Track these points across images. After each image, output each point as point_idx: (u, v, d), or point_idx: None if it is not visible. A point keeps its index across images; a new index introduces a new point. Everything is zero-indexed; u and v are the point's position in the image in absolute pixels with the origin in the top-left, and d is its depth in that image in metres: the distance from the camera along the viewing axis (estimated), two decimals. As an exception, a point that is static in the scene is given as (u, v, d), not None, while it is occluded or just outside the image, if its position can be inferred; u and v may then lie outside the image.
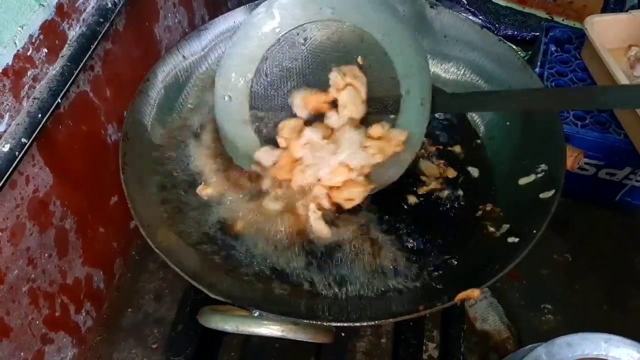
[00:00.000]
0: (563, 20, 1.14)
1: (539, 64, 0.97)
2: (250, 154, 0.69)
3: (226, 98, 0.70)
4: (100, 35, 0.69)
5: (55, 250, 0.71)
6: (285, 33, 0.69)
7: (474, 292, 0.50)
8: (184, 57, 0.72)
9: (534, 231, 0.54)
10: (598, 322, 0.84)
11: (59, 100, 0.63)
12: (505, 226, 0.60)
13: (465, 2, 1.18)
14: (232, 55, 0.70)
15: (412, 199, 0.68)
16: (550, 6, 1.17)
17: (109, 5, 0.70)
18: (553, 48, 0.99)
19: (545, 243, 0.92)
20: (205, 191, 0.68)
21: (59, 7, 0.64)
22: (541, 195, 0.59)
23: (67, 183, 0.71)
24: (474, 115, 0.75)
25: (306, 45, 0.70)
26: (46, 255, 0.69)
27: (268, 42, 0.69)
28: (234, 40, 0.69)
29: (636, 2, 1.14)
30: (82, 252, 0.77)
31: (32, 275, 0.67)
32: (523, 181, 0.63)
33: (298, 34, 0.69)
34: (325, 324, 0.48)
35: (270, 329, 0.43)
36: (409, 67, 0.66)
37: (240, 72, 0.70)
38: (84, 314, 0.79)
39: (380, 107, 0.68)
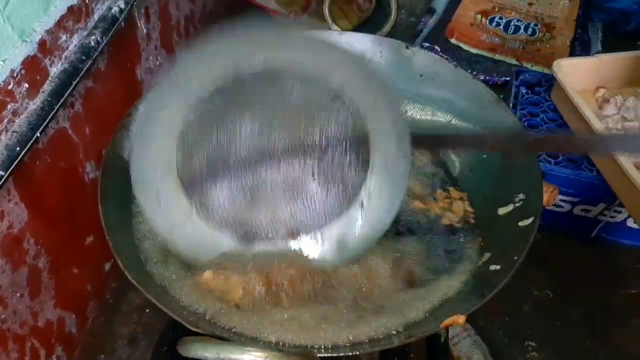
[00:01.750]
0: (532, 66, 1.19)
1: (511, 105, 1.00)
2: (228, 256, 0.60)
3: (155, 205, 0.58)
4: (81, 73, 0.69)
5: (27, 290, 0.68)
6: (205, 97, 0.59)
7: (459, 318, 0.50)
8: (166, 93, 0.73)
9: (515, 258, 0.55)
10: (582, 358, 0.84)
11: (38, 135, 0.62)
12: (487, 255, 0.60)
13: (439, 50, 1.23)
14: (141, 147, 0.59)
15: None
16: (520, 53, 1.23)
17: (92, 44, 0.71)
18: (524, 90, 1.03)
19: (526, 279, 0.92)
20: None
21: (42, 44, 0.65)
22: (520, 224, 0.59)
23: (42, 220, 0.70)
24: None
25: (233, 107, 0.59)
26: (18, 295, 0.67)
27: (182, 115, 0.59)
28: (136, 130, 0.60)
29: (600, 49, 1.21)
30: (55, 294, 0.74)
31: (3, 316, 0.64)
32: (502, 211, 0.64)
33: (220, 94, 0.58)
34: (308, 352, 0.47)
35: (253, 356, 0.42)
36: (372, 102, 0.61)
37: (160, 162, 0.58)
38: (55, 359, 0.76)
39: (344, 146, 0.61)
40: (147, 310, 0.88)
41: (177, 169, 0.58)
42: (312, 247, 0.60)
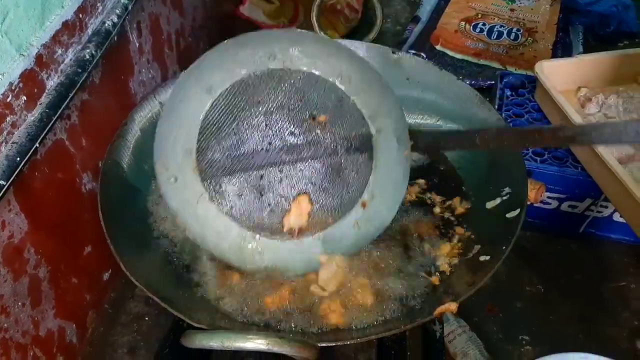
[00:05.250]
0: (515, 69, 1.22)
1: (496, 107, 1.03)
2: (232, 244, 0.63)
3: (172, 180, 0.63)
4: (77, 85, 0.71)
5: (28, 299, 0.69)
6: (225, 90, 0.63)
7: (452, 306, 0.52)
8: (160, 102, 0.75)
9: (504, 247, 0.57)
10: (575, 351, 0.85)
11: (37, 145, 0.64)
12: (477, 247, 0.62)
13: (425, 56, 1.26)
14: (166, 126, 0.64)
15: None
16: (503, 58, 1.26)
17: (87, 57, 0.73)
18: (508, 92, 1.05)
19: (518, 277, 0.94)
20: None
21: (39, 58, 0.66)
22: (507, 215, 0.61)
23: (42, 231, 0.71)
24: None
25: (251, 102, 0.63)
26: (19, 304, 0.68)
27: (206, 104, 0.63)
28: (165, 109, 0.65)
29: (581, 51, 1.24)
30: (55, 303, 0.75)
31: (5, 325, 0.65)
32: (490, 205, 0.66)
33: (240, 90, 0.64)
34: (309, 341, 0.48)
35: (256, 343, 0.43)
36: (376, 106, 0.67)
37: (180, 143, 0.63)
38: (56, 369, 0.77)
39: (349, 147, 0.66)
40: (147, 319, 0.89)
41: (196, 153, 0.62)
42: (314, 245, 0.62)
